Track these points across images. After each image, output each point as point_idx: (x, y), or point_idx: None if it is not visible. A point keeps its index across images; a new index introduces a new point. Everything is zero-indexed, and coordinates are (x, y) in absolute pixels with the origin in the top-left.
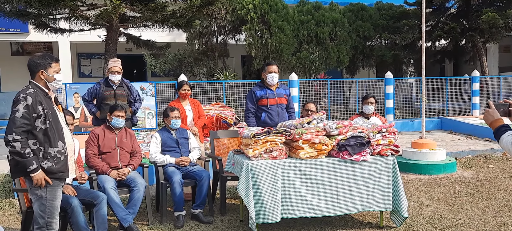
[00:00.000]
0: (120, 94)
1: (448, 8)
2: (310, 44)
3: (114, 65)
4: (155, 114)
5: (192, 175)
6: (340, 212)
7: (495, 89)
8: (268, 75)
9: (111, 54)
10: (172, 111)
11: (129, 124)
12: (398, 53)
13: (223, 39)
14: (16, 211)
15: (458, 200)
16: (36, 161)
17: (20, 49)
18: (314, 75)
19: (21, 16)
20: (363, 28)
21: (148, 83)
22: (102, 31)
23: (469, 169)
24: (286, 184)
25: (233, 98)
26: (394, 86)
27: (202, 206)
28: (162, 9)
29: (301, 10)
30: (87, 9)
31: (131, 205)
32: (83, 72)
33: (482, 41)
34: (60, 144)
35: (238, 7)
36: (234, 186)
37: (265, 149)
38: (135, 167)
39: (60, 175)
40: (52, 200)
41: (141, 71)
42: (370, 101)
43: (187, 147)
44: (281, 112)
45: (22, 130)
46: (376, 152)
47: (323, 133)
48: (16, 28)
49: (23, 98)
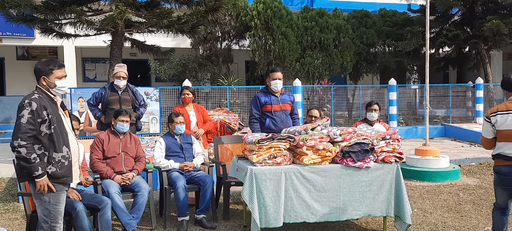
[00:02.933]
0: (125, 99)
1: (452, 15)
2: (314, 50)
3: (120, 71)
4: (159, 119)
5: (196, 180)
6: (342, 217)
7: (499, 96)
8: (272, 82)
9: (116, 59)
10: (177, 116)
11: (133, 129)
12: (401, 60)
13: (227, 45)
14: (20, 215)
15: (462, 207)
16: (41, 167)
17: (25, 53)
18: (318, 82)
19: (27, 21)
20: (367, 35)
21: (152, 88)
22: (107, 36)
23: (473, 177)
24: (289, 190)
25: (237, 104)
26: (397, 93)
27: (205, 211)
28: (167, 15)
29: (305, 16)
30: (93, 14)
31: (135, 210)
32: (88, 77)
33: (486, 49)
34: (65, 149)
35: (242, 13)
36: (237, 192)
37: (269, 155)
38: (139, 171)
39: (64, 179)
40: (55, 205)
41: (145, 76)
42: (374, 108)
43: (191, 152)
44: (285, 118)
45: (28, 135)
46: (380, 159)
47: (327, 139)
48: (22, 33)
49: (28, 104)
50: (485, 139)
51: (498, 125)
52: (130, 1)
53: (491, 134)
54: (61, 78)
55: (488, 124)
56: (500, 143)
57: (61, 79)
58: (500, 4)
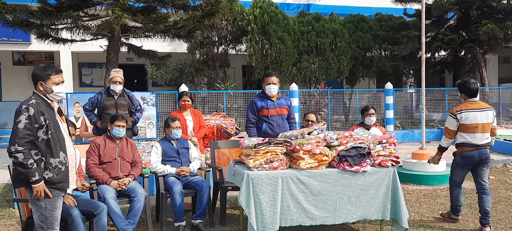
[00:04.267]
0: (121, 104)
1: (448, 20)
2: (310, 55)
3: (116, 75)
4: (156, 124)
5: (192, 185)
6: (338, 221)
7: (495, 100)
8: (267, 86)
9: (112, 64)
10: (173, 121)
11: (130, 134)
12: (398, 64)
13: (224, 50)
14: (16, 221)
15: None
16: (38, 172)
17: (21, 58)
18: (315, 86)
19: (23, 26)
20: (363, 39)
21: (149, 93)
22: (103, 41)
23: (469, 180)
24: (286, 194)
25: (233, 108)
26: (394, 97)
27: (202, 216)
28: (164, 20)
29: (302, 21)
30: (89, 19)
31: (131, 215)
32: (84, 82)
33: (482, 52)
34: (62, 155)
35: (239, 18)
36: (234, 196)
37: (265, 160)
38: (135, 177)
39: (60, 185)
40: (52, 211)
41: (142, 81)
42: (371, 113)
43: (188, 157)
44: (282, 122)
45: (25, 141)
46: (376, 163)
47: (323, 143)
48: (18, 38)
49: (25, 109)
50: (450, 130)
51: (462, 120)
52: (127, 6)
53: (455, 127)
54: (58, 84)
55: (454, 120)
56: (465, 133)
57: (58, 84)
58: (495, 9)
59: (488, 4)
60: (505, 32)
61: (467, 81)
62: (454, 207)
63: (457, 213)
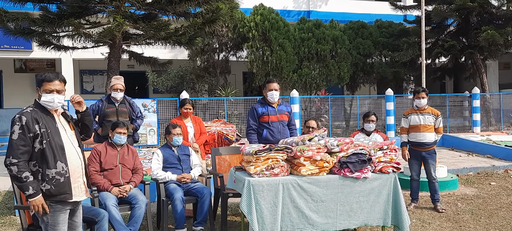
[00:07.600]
0: (122, 111)
1: (448, 26)
2: (311, 61)
3: (117, 83)
4: (157, 131)
5: (193, 192)
6: (339, 227)
7: (495, 106)
8: (269, 92)
9: (113, 71)
10: (174, 128)
11: (130, 141)
12: (398, 70)
13: (225, 56)
14: (17, 228)
15: (461, 217)
16: (33, 186)
17: (23, 66)
18: (315, 92)
19: (25, 34)
20: (364, 46)
21: (150, 100)
22: (105, 48)
23: (471, 186)
24: (286, 201)
25: (234, 115)
26: (394, 103)
27: (203, 223)
28: (165, 27)
29: (302, 28)
30: (91, 27)
31: (132, 222)
32: (86, 89)
33: (482, 58)
34: (60, 165)
35: (239, 25)
36: (235, 203)
37: (266, 166)
38: (136, 184)
39: (61, 197)
40: (54, 226)
41: (143, 88)
42: (371, 119)
43: (189, 164)
44: (283, 129)
45: (20, 152)
46: (377, 169)
47: (324, 150)
48: (19, 46)
49: (18, 118)
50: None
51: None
52: (128, 13)
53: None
54: (49, 92)
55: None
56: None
57: (50, 93)
58: (495, 15)
59: (488, 11)
60: (505, 38)
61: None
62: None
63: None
